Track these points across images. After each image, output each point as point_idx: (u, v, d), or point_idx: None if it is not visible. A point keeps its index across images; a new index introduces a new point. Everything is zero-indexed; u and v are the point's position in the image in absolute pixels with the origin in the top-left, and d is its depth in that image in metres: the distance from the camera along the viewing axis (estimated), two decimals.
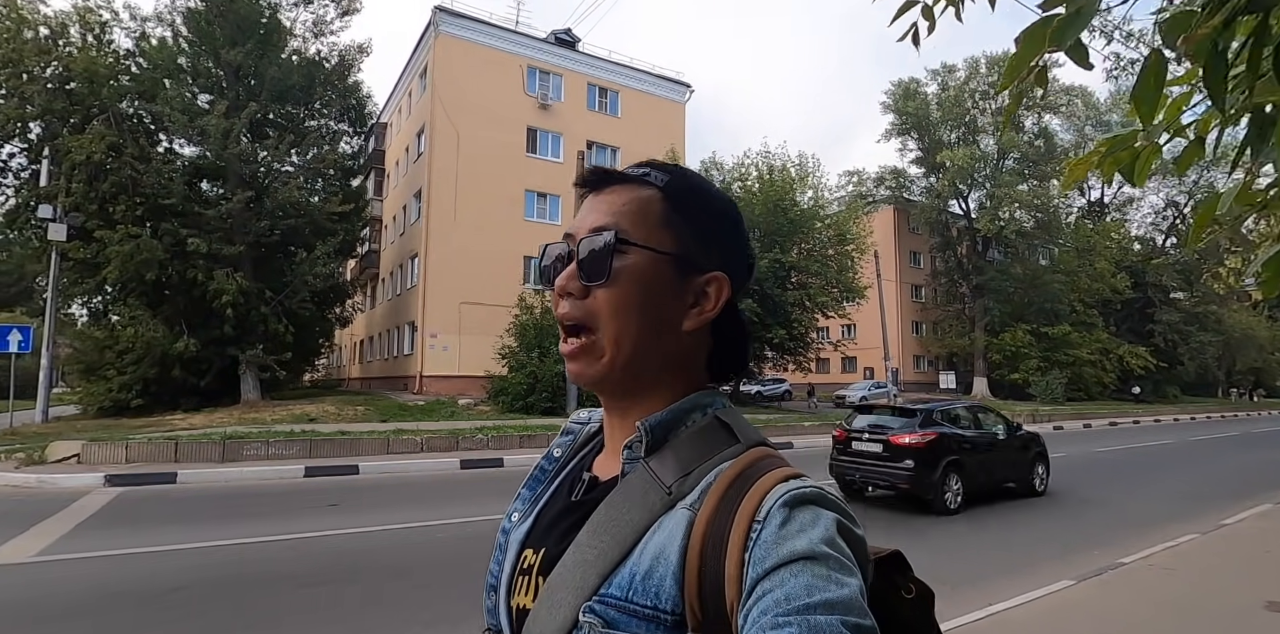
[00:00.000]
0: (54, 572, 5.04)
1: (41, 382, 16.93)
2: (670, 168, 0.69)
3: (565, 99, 25.19)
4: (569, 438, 0.79)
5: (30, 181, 18.38)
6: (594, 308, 0.63)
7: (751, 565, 0.51)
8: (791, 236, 23.76)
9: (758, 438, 0.64)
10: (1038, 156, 37.08)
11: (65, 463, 9.78)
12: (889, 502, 8.55)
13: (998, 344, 36.66)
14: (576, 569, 0.58)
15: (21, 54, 17.18)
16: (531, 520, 0.70)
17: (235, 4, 18.58)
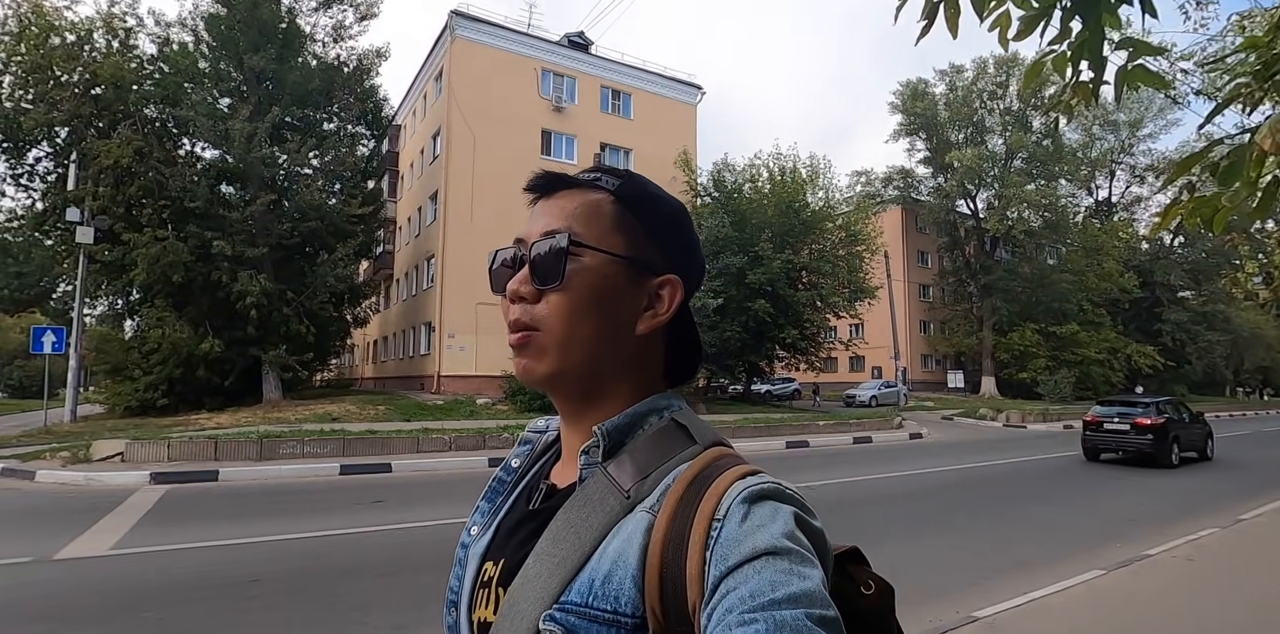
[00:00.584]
0: (134, 564, 5.32)
1: (70, 382, 17.23)
2: (621, 172, 0.70)
3: (579, 101, 25.45)
4: (526, 447, 0.79)
5: (56, 185, 18.69)
6: (545, 312, 0.63)
7: (713, 564, 0.51)
8: (803, 237, 23.97)
9: (715, 438, 0.65)
10: (1046, 156, 37.18)
11: (109, 461, 10.07)
12: (1125, 463, 12.98)
13: (1006, 343, 36.80)
14: (537, 578, 0.58)
15: (50, 60, 17.51)
16: (491, 533, 0.70)
17: (258, 10, 18.86)
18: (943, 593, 4.66)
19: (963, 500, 8.92)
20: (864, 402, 29.07)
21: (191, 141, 19.79)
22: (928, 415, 25.15)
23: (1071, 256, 38.33)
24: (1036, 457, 14.27)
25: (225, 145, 18.06)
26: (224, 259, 17.60)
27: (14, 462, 10.03)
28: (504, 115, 23.23)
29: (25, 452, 11.00)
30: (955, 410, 26.62)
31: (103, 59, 18.14)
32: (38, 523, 6.97)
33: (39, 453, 10.64)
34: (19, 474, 9.44)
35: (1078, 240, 38.84)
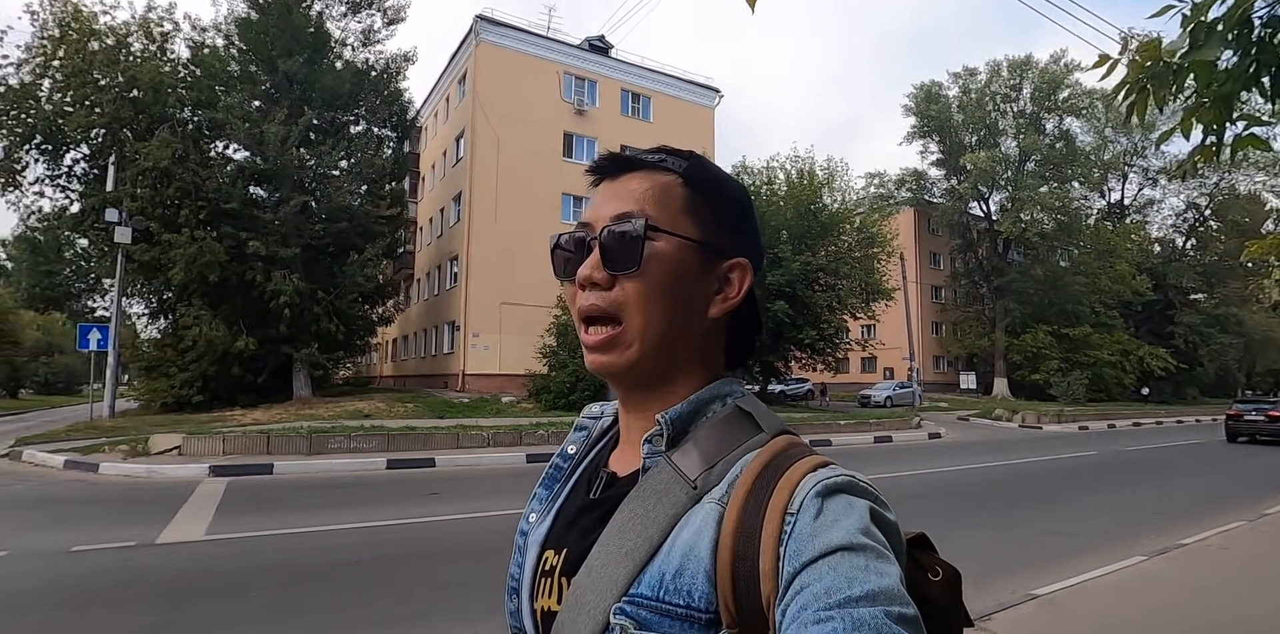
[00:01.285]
0: (231, 548, 5.68)
1: (109, 378, 17.64)
2: (684, 154, 0.68)
3: (600, 104, 25.80)
4: (583, 433, 0.78)
5: (93, 186, 19.13)
6: (621, 298, 0.62)
7: (788, 559, 0.50)
8: (821, 239, 24.25)
9: (781, 426, 0.63)
10: (1059, 159, 37.35)
11: (167, 455, 10.46)
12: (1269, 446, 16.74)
13: (1018, 345, 36.98)
14: (603, 569, 0.57)
15: (90, 64, 17.95)
16: (550, 520, 0.69)
17: (291, 16, 19.29)
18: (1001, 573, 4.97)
19: (996, 495, 9.21)
20: (879, 402, 29.33)
21: (223, 143, 20.22)
22: (943, 416, 25.40)
23: (1084, 259, 38.47)
24: (1060, 456, 14.53)
25: (259, 148, 18.48)
26: (258, 259, 18.03)
27: (74, 455, 10.43)
28: (527, 118, 23.61)
29: (82, 445, 11.41)
30: (970, 411, 26.86)
31: (140, 63, 18.59)
32: (119, 512, 7.34)
33: (96, 447, 11.05)
34: (83, 466, 9.84)
35: (1090, 242, 38.99)
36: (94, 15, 19.17)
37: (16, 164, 19.56)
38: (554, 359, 20.16)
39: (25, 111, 18.39)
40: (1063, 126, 39.67)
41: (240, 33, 20.06)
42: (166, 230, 17.57)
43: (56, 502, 7.86)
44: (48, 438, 13.00)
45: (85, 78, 18.20)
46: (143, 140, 18.15)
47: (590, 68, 25.87)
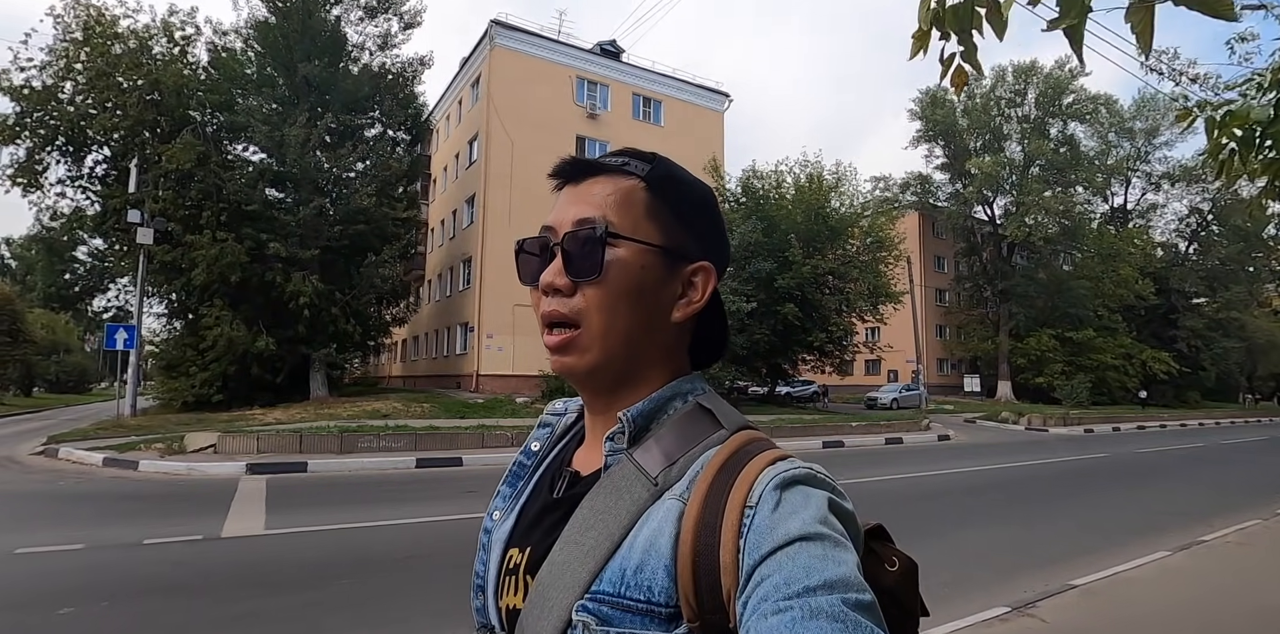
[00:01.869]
0: (295, 541, 5.92)
1: (130, 378, 17.86)
2: (648, 156, 0.68)
3: (611, 109, 26.08)
4: (546, 430, 0.78)
5: (113, 187, 19.36)
6: (582, 305, 0.62)
7: (747, 552, 0.51)
8: (830, 242, 24.50)
9: (742, 421, 0.64)
10: (1063, 163, 37.65)
11: (203, 453, 10.71)
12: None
13: (1023, 348, 37.26)
14: (565, 567, 0.58)
15: (114, 67, 18.21)
16: (514, 518, 0.70)
17: (311, 21, 19.55)
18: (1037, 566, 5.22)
19: (1017, 495, 9.46)
20: (885, 404, 29.59)
21: (243, 146, 20.48)
22: (950, 418, 25.66)
23: (1087, 263, 38.78)
24: (1071, 458, 14.79)
25: (279, 151, 18.73)
26: (278, 260, 18.28)
27: (112, 453, 10.67)
28: (540, 121, 23.88)
29: (117, 443, 11.65)
30: (977, 413, 27.12)
31: (163, 66, 18.85)
32: (171, 507, 7.58)
33: (132, 444, 11.29)
34: (122, 464, 10.08)
35: (1093, 247, 39.30)
36: (115, 19, 19.46)
37: (38, 165, 19.83)
38: None
39: (49, 114, 18.65)
40: (1066, 131, 40.03)
41: (258, 36, 20.32)
42: (188, 232, 17.84)
43: (105, 498, 8.09)
44: (78, 436, 13.23)
45: (109, 80, 18.46)
46: (165, 143, 18.41)
47: (602, 72, 26.14)
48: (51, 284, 26.90)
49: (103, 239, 21.09)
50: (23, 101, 18.57)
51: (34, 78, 18.90)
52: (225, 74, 20.23)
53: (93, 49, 18.66)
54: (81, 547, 5.46)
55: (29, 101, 18.63)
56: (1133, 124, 42.62)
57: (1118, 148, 43.56)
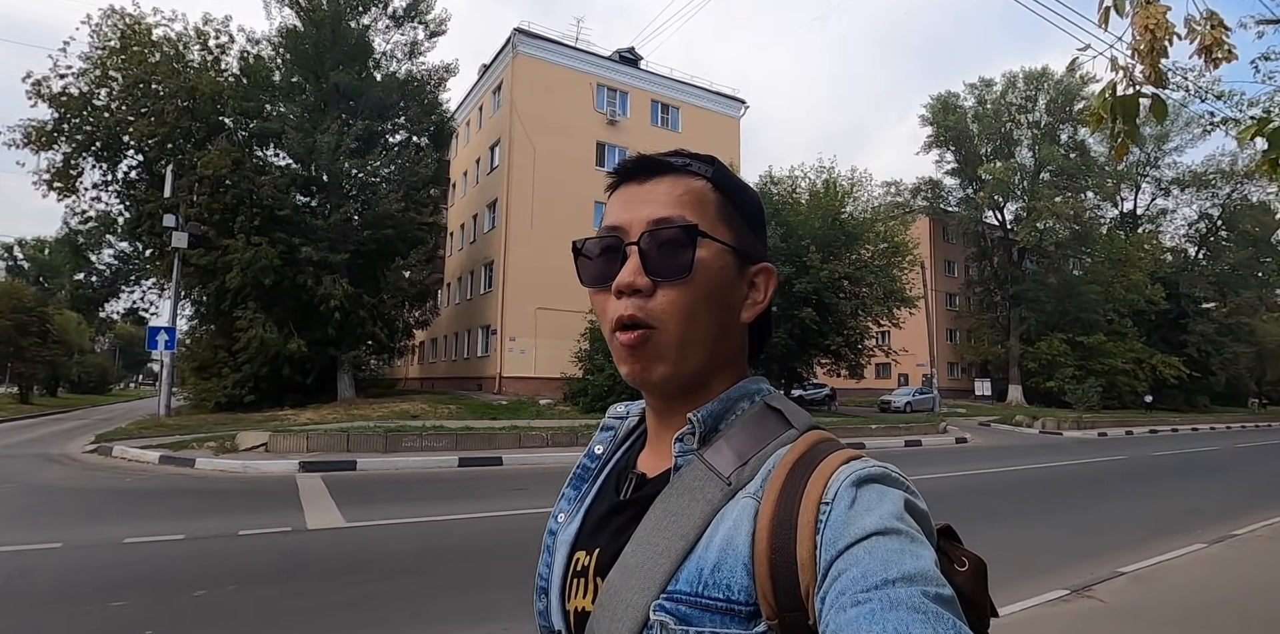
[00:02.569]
0: (380, 533, 6.28)
1: (164, 379, 18.28)
2: (706, 158, 0.68)
3: (630, 115, 26.49)
4: (609, 433, 0.78)
5: (146, 192, 19.79)
6: (662, 307, 0.61)
7: (824, 548, 0.51)
8: (847, 247, 24.81)
9: (811, 422, 0.64)
10: (1074, 169, 37.92)
11: (254, 451, 11.08)
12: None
13: (1033, 352, 37.50)
14: (640, 567, 0.57)
15: (151, 74, 18.67)
16: (579, 520, 0.70)
17: (340, 29, 19.98)
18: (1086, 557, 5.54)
19: (1047, 493, 9.78)
20: (899, 408, 29.83)
21: (272, 152, 20.91)
22: (964, 421, 25.93)
23: (1097, 267, 39.03)
24: (1090, 460, 15.07)
25: (310, 157, 19.15)
26: (309, 264, 18.69)
27: (166, 451, 11.04)
28: (562, 128, 24.29)
29: (168, 441, 12.04)
30: (990, 417, 27.41)
31: (197, 74, 19.30)
32: (243, 502, 7.93)
33: (184, 443, 11.68)
34: (179, 461, 10.45)
35: (1104, 251, 39.55)
36: (150, 27, 19.93)
37: (73, 170, 20.30)
38: (590, 363, 20.79)
39: (85, 120, 19.11)
40: (1077, 137, 40.33)
41: (287, 43, 20.75)
42: (222, 236, 18.26)
43: (174, 493, 8.45)
44: (124, 435, 13.62)
45: (146, 87, 18.92)
46: (199, 149, 18.86)
47: (621, 79, 26.56)
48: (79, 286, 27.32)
49: (136, 242, 21.51)
50: (61, 108, 19.04)
51: (71, 84, 19.40)
52: (253, 81, 20.67)
53: (129, 57, 19.12)
54: (183, 537, 5.82)
55: (67, 108, 19.11)
56: (1143, 130, 42.70)
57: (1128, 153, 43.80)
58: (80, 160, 20.09)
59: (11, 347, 23.29)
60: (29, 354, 23.78)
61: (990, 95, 40.20)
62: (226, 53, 20.40)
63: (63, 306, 26.85)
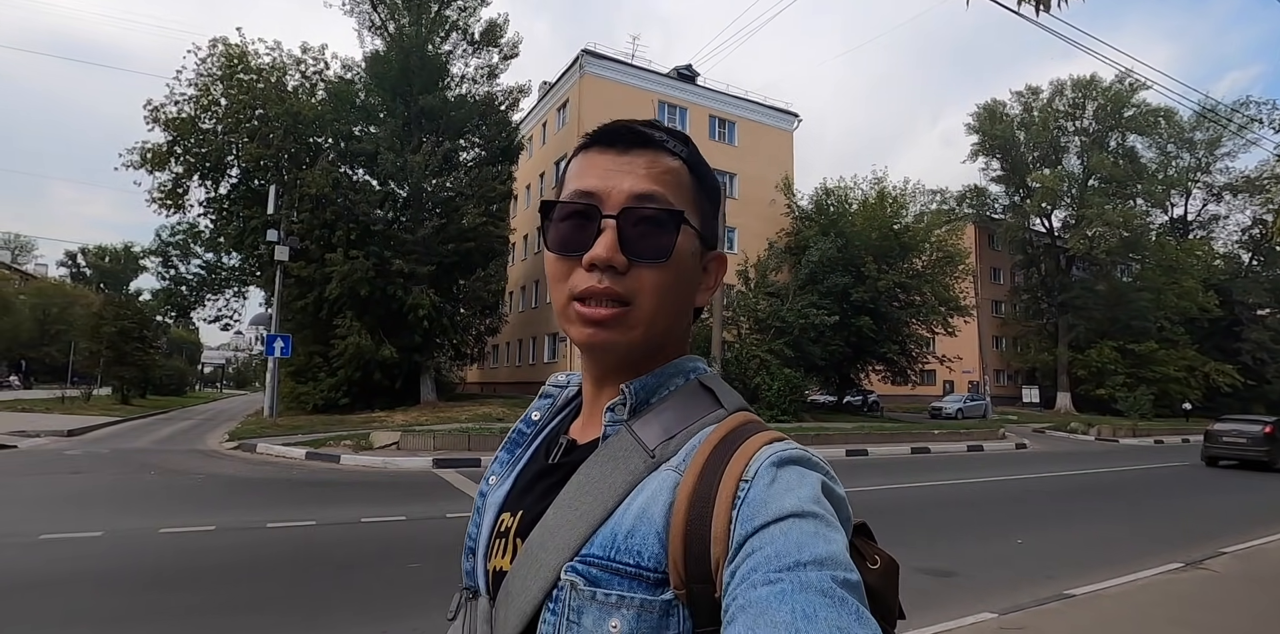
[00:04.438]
0: None
1: (268, 382, 19.76)
2: (680, 135, 0.67)
3: (689, 130, 27.48)
4: (547, 400, 0.80)
5: (254, 209, 21.31)
6: (637, 286, 0.61)
7: (740, 523, 0.52)
8: (902, 256, 25.49)
9: (741, 404, 0.65)
10: (1123, 176, 37.90)
11: (387, 449, 12.27)
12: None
13: (1083, 360, 37.56)
14: (558, 529, 0.59)
15: (259, 100, 20.23)
16: (510, 483, 0.71)
17: (424, 56, 21.36)
18: (1186, 541, 6.35)
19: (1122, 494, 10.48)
20: (950, 414, 30.28)
21: (361, 170, 22.36)
22: (1018, 428, 26.31)
23: (1148, 274, 38.95)
24: (1152, 466, 15.61)
25: (401, 175, 20.52)
26: (399, 276, 20.02)
27: (310, 448, 12.29)
28: None
29: (301, 440, 13.31)
30: (1044, 424, 27.75)
31: (297, 99, 20.83)
32: (413, 492, 9.02)
33: (320, 441, 12.93)
34: (324, 458, 11.67)
35: (1154, 258, 39.46)
36: (248, 55, 21.52)
37: (180, 189, 21.97)
38: None
39: (198, 143, 20.73)
40: (1125, 143, 40.32)
41: (371, 68, 22.20)
42: (322, 250, 19.68)
43: (342, 485, 9.59)
44: (250, 433, 14.97)
45: (251, 112, 20.48)
46: (301, 169, 20.35)
47: (680, 96, 27.62)
48: (171, 295, 29.21)
49: (232, 255, 23.12)
50: (175, 132, 20.69)
51: (183, 110, 21.05)
52: (338, 104, 22.15)
53: (235, 85, 20.70)
54: (404, 519, 6.92)
55: (179, 132, 20.75)
56: (1193, 135, 42.61)
57: (1177, 159, 43.61)
58: (188, 180, 21.73)
59: (115, 351, 25.07)
60: (130, 358, 25.54)
61: (1037, 103, 40.45)
62: (323, 78, 21.89)
63: (157, 314, 28.67)
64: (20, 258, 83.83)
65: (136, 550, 5.52)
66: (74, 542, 5.60)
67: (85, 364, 27.71)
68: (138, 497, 8.32)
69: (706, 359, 1.43)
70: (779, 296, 22.98)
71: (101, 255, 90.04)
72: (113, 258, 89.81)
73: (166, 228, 27.28)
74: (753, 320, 22.92)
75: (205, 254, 28.49)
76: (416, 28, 20.96)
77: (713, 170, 0.68)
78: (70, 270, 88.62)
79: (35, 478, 9.26)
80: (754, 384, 21.43)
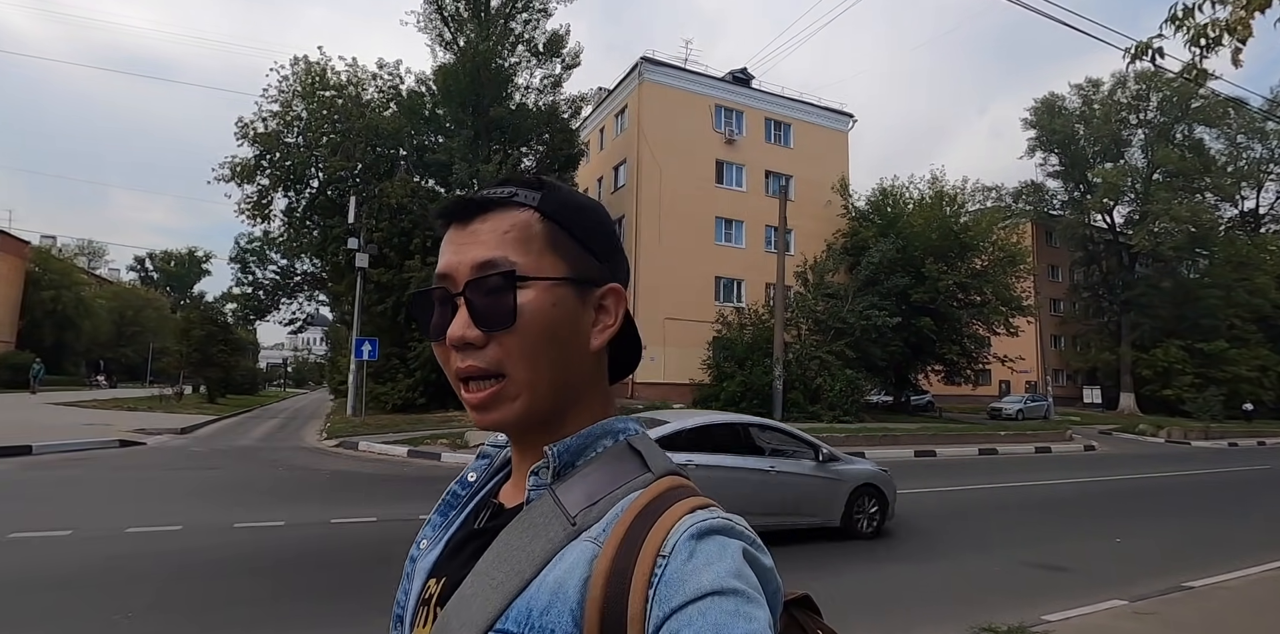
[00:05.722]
0: None
1: (351, 383, 20.84)
2: (534, 182, 0.64)
3: (746, 133, 27.87)
4: (485, 461, 0.76)
5: (336, 218, 22.49)
6: (500, 356, 0.59)
7: (657, 603, 0.50)
8: (961, 256, 25.41)
9: (669, 466, 0.63)
10: (1191, 170, 36.78)
11: (481, 447, 13.00)
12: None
13: (1148, 360, 36.66)
14: (471, 601, 0.56)
15: (341, 114, 21.36)
16: (440, 548, 0.68)
17: (491, 68, 22.20)
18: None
19: (1200, 496, 10.59)
20: (1010, 415, 29.96)
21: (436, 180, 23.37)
22: (1082, 430, 25.96)
23: (1217, 271, 37.78)
24: (1234, 469, 15.48)
25: (474, 185, 21.39)
26: None
27: (410, 446, 13.11)
28: (685, 148, 25.93)
29: (398, 438, 14.18)
30: (1110, 425, 27.30)
31: (375, 114, 21.91)
32: None
33: (417, 440, 13.77)
34: (426, 455, 12.45)
35: (1223, 254, 38.24)
36: (333, 70, 22.71)
37: (265, 200, 23.29)
38: (719, 370, 22.31)
39: (284, 157, 21.97)
40: (1193, 135, 39.12)
41: (440, 81, 23.15)
42: (401, 257, 20.69)
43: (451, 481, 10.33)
44: (345, 432, 15.92)
45: (332, 126, 21.62)
46: (377, 180, 21.41)
47: (736, 99, 27.98)
48: (249, 299, 30.80)
49: (319, 261, 24.39)
50: (262, 147, 21.97)
51: (268, 125, 22.34)
52: (409, 116, 23.17)
53: (316, 101, 21.87)
54: None
55: (266, 146, 22.02)
56: (1264, 125, 41.05)
57: (1248, 150, 42.12)
58: (273, 192, 23.03)
59: (202, 353, 26.61)
60: (216, 360, 27.08)
61: (1098, 96, 39.55)
62: (398, 92, 22.96)
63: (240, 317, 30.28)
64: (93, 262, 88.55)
65: (323, 537, 6.26)
66: (266, 530, 6.37)
67: (172, 365, 29.38)
68: (290, 490, 9.17)
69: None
70: (838, 298, 23.20)
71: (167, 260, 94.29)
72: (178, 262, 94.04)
73: (244, 236, 28.84)
74: (812, 321, 23.18)
75: (280, 260, 30.06)
76: (487, 43, 21.81)
77: (582, 203, 0.66)
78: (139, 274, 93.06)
79: (187, 472, 10.22)
80: (815, 385, 21.71)
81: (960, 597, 5.00)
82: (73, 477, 9.03)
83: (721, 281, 26.53)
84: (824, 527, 6.78)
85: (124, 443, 12.85)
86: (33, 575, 4.73)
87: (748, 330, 22.97)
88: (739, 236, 27.02)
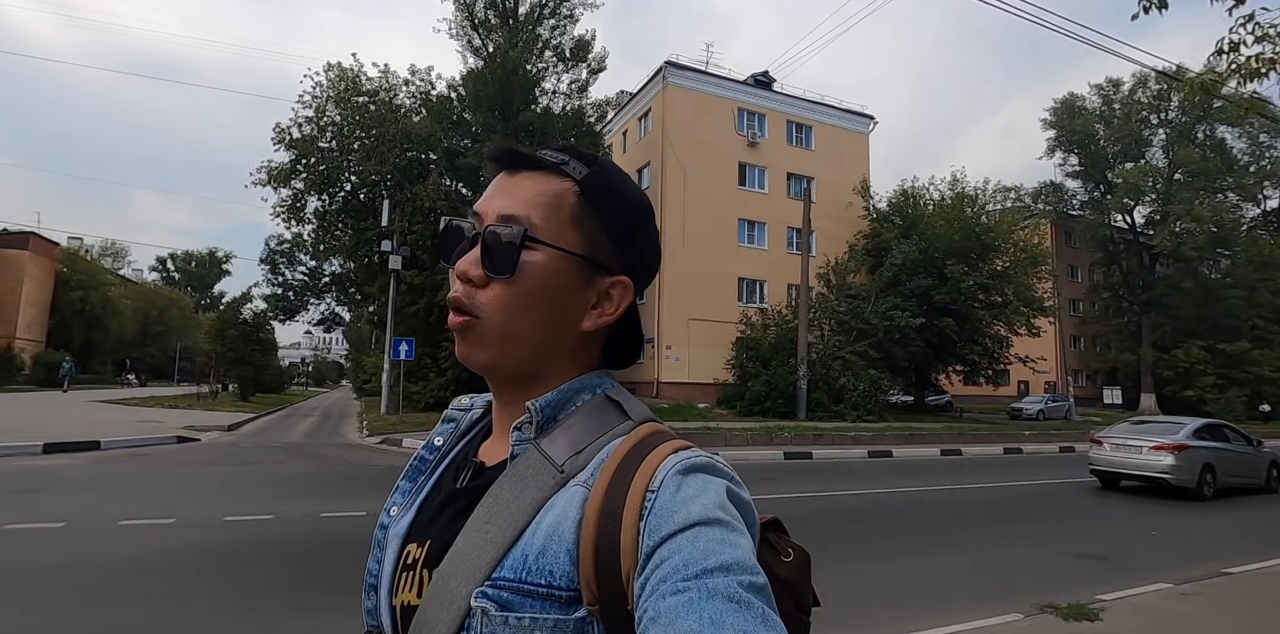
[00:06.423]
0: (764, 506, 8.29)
1: (385, 382, 21.38)
2: (589, 158, 0.67)
3: (768, 136, 28.17)
4: (450, 425, 0.79)
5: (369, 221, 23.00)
6: (487, 299, 0.63)
7: (647, 534, 0.53)
8: (982, 257, 25.58)
9: (647, 414, 0.66)
10: (1213, 170, 36.67)
11: None
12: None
13: (1170, 360, 36.58)
14: (466, 556, 0.58)
15: (374, 120, 21.87)
16: (413, 513, 0.69)
17: (520, 73, 22.62)
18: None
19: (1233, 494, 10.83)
20: (1031, 415, 30.07)
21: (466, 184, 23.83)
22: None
23: (1239, 271, 37.63)
24: None
25: None
26: None
27: None
28: (708, 151, 26.28)
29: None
30: None
31: (407, 117, 22.41)
32: None
33: None
34: None
35: (1245, 254, 38.08)
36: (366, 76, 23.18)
37: (299, 203, 23.85)
38: (743, 370, 22.64)
39: (320, 161, 22.51)
40: (1215, 135, 38.94)
41: (468, 86, 23.58)
42: (432, 259, 21.16)
43: None
44: (385, 429, 16.40)
45: (366, 131, 22.13)
46: (410, 183, 21.90)
47: (758, 102, 28.28)
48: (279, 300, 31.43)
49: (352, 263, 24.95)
50: (298, 152, 22.52)
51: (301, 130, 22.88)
52: (439, 120, 23.63)
53: (349, 107, 22.39)
54: None
55: (301, 151, 22.57)
56: None
57: (1271, 149, 41.83)
58: (307, 195, 23.58)
59: (236, 352, 27.27)
60: (249, 359, 27.75)
61: (1118, 95, 39.49)
62: (429, 97, 23.45)
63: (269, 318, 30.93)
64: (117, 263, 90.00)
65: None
66: (349, 519, 6.79)
67: (205, 364, 30.10)
68: (353, 483, 9.60)
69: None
70: (860, 299, 23.46)
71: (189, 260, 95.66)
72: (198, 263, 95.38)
73: (274, 237, 29.43)
74: (834, 322, 23.46)
75: (309, 262, 30.67)
76: (515, 49, 22.23)
77: (626, 190, 0.68)
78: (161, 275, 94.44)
79: (246, 467, 10.71)
80: (839, 385, 22.00)
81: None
82: (143, 471, 9.55)
83: (744, 282, 26.85)
84: (1252, 485, 11.03)
85: (180, 439, 13.40)
86: (147, 558, 5.17)
87: (771, 331, 23.29)
88: (761, 238, 27.34)
